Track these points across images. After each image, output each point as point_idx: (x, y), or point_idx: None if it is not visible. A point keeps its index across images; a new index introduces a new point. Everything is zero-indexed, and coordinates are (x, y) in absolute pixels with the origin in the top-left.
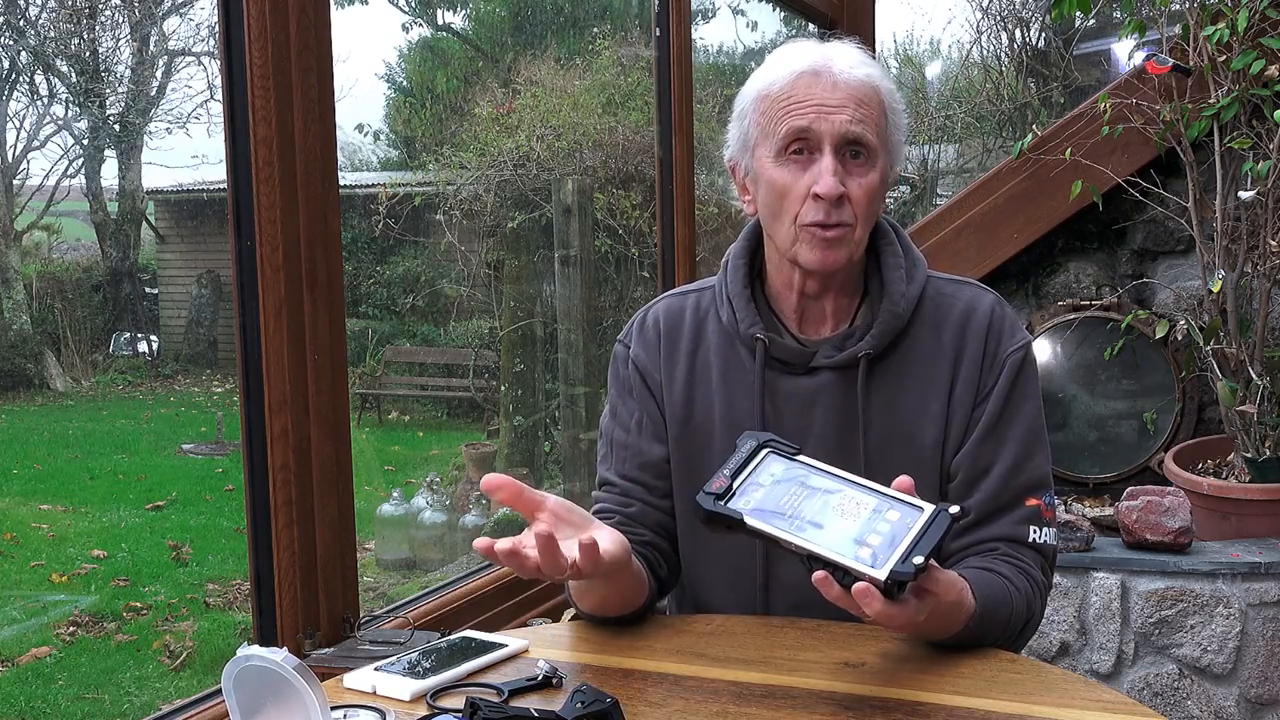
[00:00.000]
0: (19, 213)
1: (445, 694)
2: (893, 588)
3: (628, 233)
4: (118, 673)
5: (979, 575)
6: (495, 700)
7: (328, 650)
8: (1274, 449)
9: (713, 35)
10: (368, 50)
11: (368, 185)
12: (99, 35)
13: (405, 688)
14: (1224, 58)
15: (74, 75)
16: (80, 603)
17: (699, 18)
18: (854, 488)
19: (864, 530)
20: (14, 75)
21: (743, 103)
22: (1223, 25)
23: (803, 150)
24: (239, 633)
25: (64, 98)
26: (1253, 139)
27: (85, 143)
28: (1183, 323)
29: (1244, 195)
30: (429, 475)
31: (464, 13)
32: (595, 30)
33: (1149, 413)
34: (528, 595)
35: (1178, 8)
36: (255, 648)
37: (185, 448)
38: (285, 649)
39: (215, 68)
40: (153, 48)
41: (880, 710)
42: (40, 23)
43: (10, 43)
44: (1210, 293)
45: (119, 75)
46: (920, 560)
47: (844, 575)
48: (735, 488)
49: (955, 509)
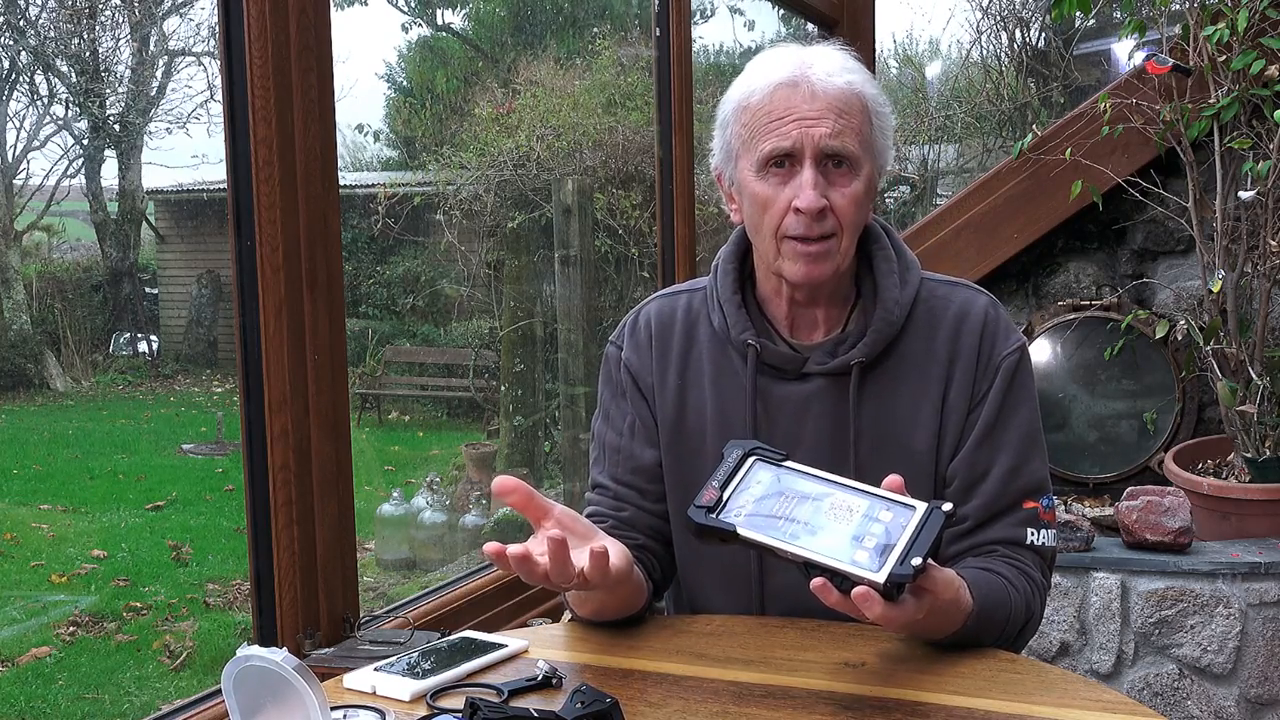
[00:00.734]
0: (19, 213)
1: (445, 694)
2: (892, 590)
3: (628, 233)
4: (118, 673)
5: (977, 575)
6: (495, 700)
7: (328, 650)
8: (1274, 449)
9: (712, 35)
10: (368, 50)
11: (368, 185)
12: (99, 35)
13: (405, 688)
14: (1224, 58)
15: (74, 75)
16: (80, 603)
17: (697, 16)
18: (844, 490)
19: (858, 533)
20: (14, 75)
21: (724, 112)
22: (1223, 25)
23: (784, 163)
24: (239, 633)
25: (64, 98)
26: (1253, 139)
27: (85, 143)
28: (1183, 323)
29: (1244, 195)
30: (429, 475)
31: (463, 13)
32: (595, 30)
33: (1149, 413)
34: (527, 595)
35: (1178, 8)
36: (255, 648)
37: (185, 448)
38: (285, 649)
39: (215, 68)
40: (153, 48)
41: (880, 710)
42: (40, 23)
43: (10, 43)
44: (1210, 293)
45: (119, 75)
46: (919, 561)
47: (842, 580)
48: (725, 499)
49: (948, 506)
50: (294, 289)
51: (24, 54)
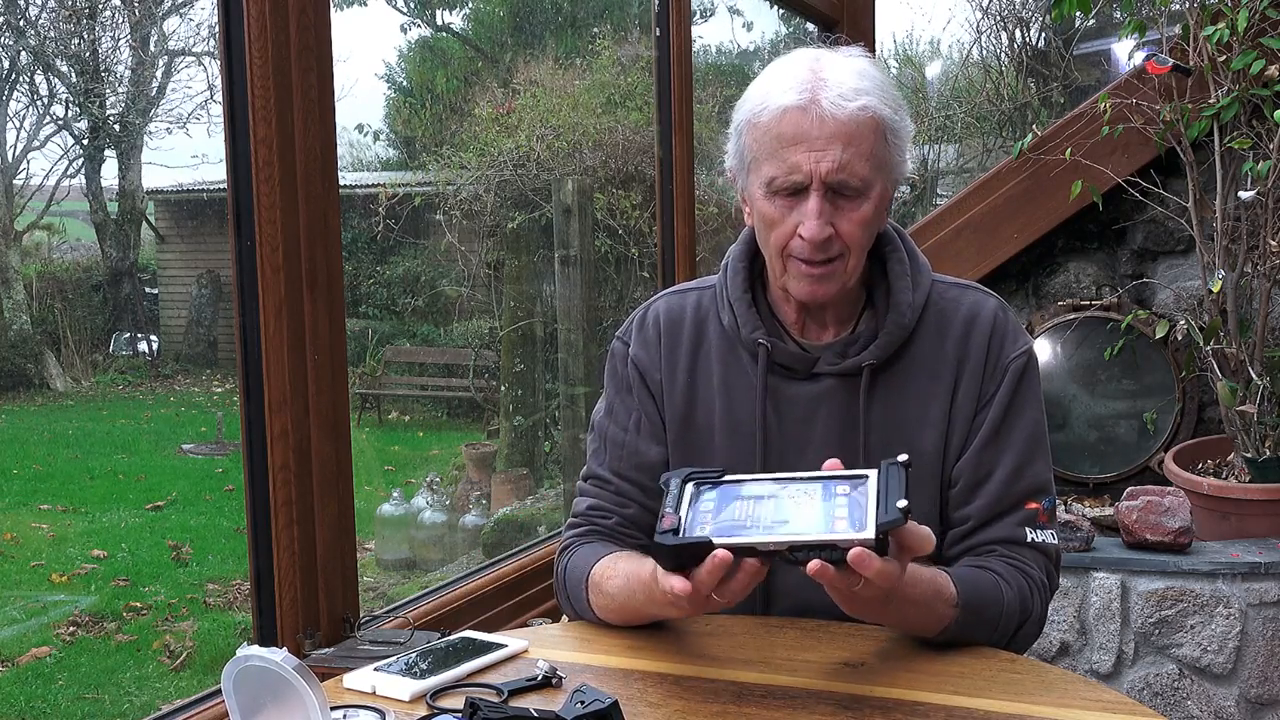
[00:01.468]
0: (19, 213)
1: (445, 694)
2: (885, 541)
3: (628, 233)
4: (118, 673)
5: (966, 571)
6: (495, 700)
7: (327, 650)
8: (1274, 449)
9: (712, 35)
10: (368, 50)
11: (368, 185)
12: (99, 35)
13: (405, 688)
14: (1224, 58)
15: (74, 75)
16: (80, 603)
17: (697, 16)
18: (793, 482)
19: (826, 511)
20: (14, 75)
21: (738, 119)
22: (1223, 25)
23: (791, 190)
24: (239, 633)
25: (64, 98)
26: (1253, 139)
27: (85, 143)
28: (1183, 323)
29: (1244, 195)
30: (429, 475)
31: (463, 13)
32: (595, 30)
33: (1149, 413)
34: (528, 595)
35: (1178, 8)
36: (255, 648)
37: (185, 448)
38: (285, 649)
39: (215, 68)
40: (153, 48)
41: (880, 710)
42: (40, 23)
43: (10, 43)
44: (1210, 293)
45: (119, 75)
46: (903, 503)
47: (832, 553)
48: (684, 521)
49: (904, 457)
50: (294, 289)
51: (24, 54)
